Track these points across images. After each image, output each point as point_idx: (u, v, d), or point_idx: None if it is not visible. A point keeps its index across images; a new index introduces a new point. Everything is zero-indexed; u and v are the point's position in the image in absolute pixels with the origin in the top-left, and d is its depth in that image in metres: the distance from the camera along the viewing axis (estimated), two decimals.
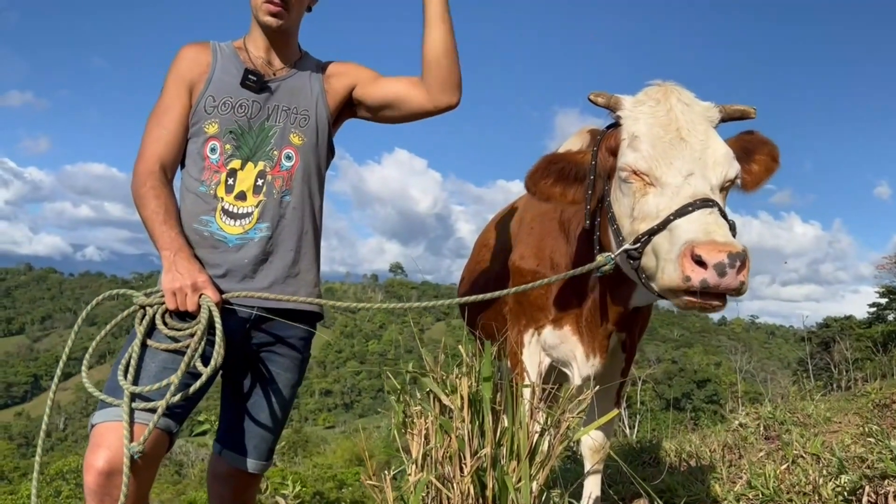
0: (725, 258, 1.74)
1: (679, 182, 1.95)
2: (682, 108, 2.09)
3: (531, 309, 2.85)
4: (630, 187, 2.05)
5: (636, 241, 1.99)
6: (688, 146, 2.00)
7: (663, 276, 1.86)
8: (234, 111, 2.32)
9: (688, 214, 1.87)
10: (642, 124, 2.08)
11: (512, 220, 3.37)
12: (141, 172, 2.25)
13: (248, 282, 2.28)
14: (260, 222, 2.30)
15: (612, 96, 2.20)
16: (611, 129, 2.24)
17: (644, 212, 1.99)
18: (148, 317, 2.14)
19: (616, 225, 2.14)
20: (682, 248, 1.79)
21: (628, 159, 2.04)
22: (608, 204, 2.20)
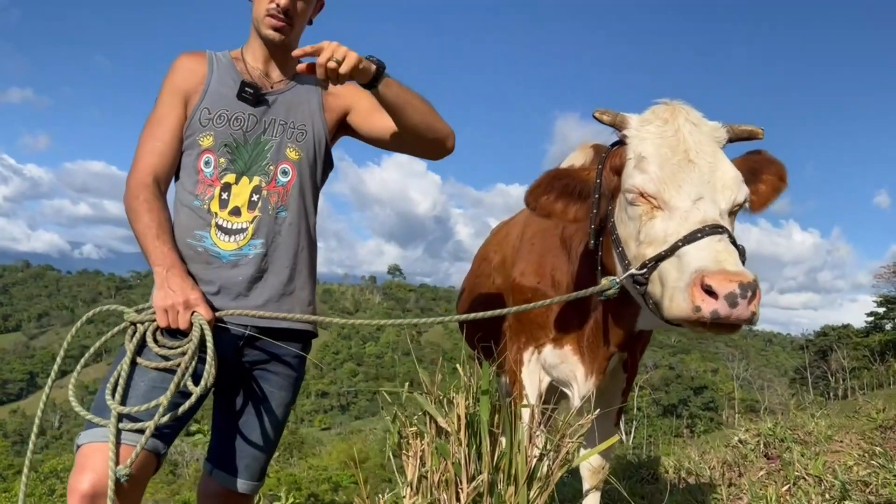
0: (737, 288, 1.67)
1: (688, 206, 1.89)
2: (690, 128, 2.03)
3: (531, 327, 2.79)
4: (636, 210, 1.98)
5: (642, 267, 1.92)
6: (696, 168, 1.94)
7: (672, 305, 1.79)
8: (230, 124, 2.26)
9: (697, 241, 1.80)
10: (649, 144, 2.02)
11: (512, 235, 3.31)
12: (134, 185, 2.19)
13: (242, 300, 2.21)
14: (255, 238, 2.24)
15: (617, 114, 2.14)
16: (615, 147, 2.18)
17: (651, 236, 1.93)
18: (138, 334, 2.08)
19: (621, 247, 2.07)
20: (691, 277, 1.73)
21: (636, 181, 1.97)
22: (612, 225, 2.14)
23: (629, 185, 2.00)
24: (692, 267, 1.76)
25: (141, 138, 2.28)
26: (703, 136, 2.03)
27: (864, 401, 6.57)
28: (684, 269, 1.78)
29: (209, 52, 2.39)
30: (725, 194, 1.94)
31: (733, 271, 1.71)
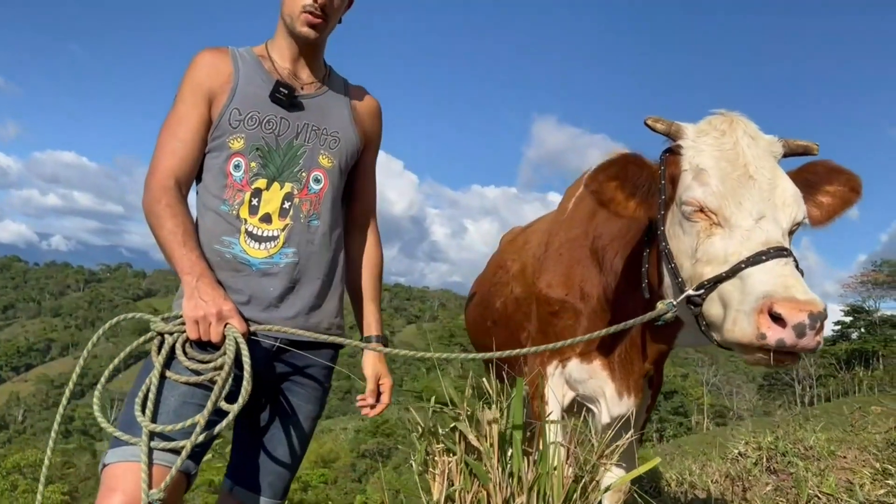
0: (806, 318, 1.60)
1: (749, 225, 1.81)
2: (748, 141, 1.96)
3: (557, 340, 2.67)
4: (694, 226, 1.90)
5: (700, 287, 1.84)
6: (756, 184, 1.86)
7: (735, 330, 1.71)
8: (262, 127, 2.13)
9: (762, 263, 1.73)
10: (707, 157, 1.94)
11: (533, 243, 3.22)
12: (155, 188, 2.05)
13: (273, 311, 2.10)
14: (286, 247, 2.12)
15: (672, 123, 2.06)
16: (669, 156, 2.09)
17: (710, 254, 1.85)
18: (167, 345, 1.95)
19: (673, 264, 1.98)
20: (758, 303, 1.65)
21: (696, 194, 1.89)
22: (662, 234, 2.04)
23: (688, 198, 1.91)
24: (758, 291, 1.68)
25: (160, 137, 2.14)
26: (761, 151, 1.96)
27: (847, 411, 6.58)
28: (749, 292, 1.70)
29: (231, 49, 2.25)
30: (786, 212, 1.87)
31: (803, 299, 1.63)
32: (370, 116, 2.40)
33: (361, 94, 2.40)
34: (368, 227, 2.44)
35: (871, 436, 5.04)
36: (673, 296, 1.98)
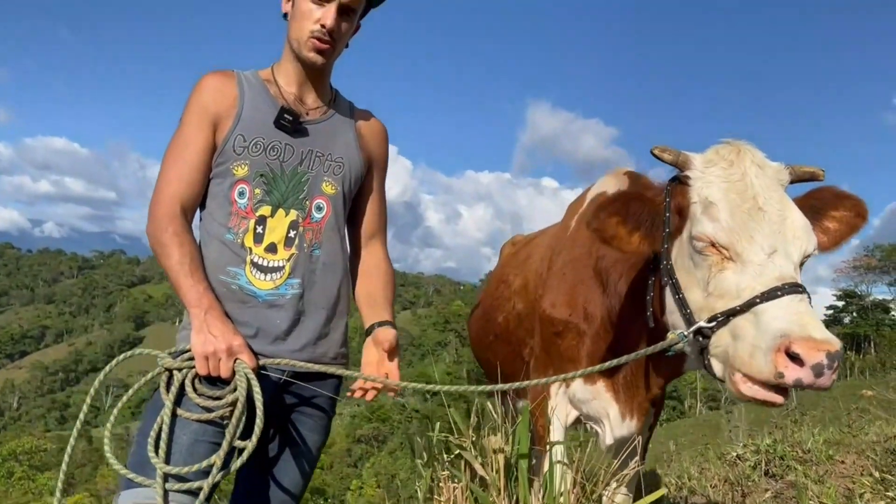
0: (824, 358, 1.59)
1: (762, 259, 1.80)
2: (756, 171, 1.94)
3: (560, 360, 2.69)
4: (705, 260, 1.88)
5: (712, 320, 1.83)
6: (766, 217, 1.85)
7: (752, 365, 1.70)
8: (266, 153, 2.10)
9: (777, 299, 1.71)
10: (716, 189, 1.92)
11: (535, 258, 3.20)
12: (160, 216, 2.02)
13: (280, 344, 2.08)
14: (291, 278, 2.10)
15: (679, 153, 2.04)
16: (676, 185, 2.07)
17: (722, 288, 1.83)
18: (176, 383, 1.92)
19: (681, 295, 1.97)
20: (776, 341, 1.65)
21: (706, 229, 1.87)
22: (668, 267, 2.03)
23: (698, 233, 1.89)
24: (775, 328, 1.67)
25: (165, 162, 2.11)
26: (769, 180, 1.94)
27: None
28: (765, 329, 1.69)
29: (237, 72, 2.22)
30: (797, 245, 1.85)
31: (820, 339, 1.62)
32: (376, 140, 2.37)
33: (367, 117, 2.37)
34: (375, 241, 2.39)
35: (868, 438, 5.07)
36: (681, 327, 1.97)
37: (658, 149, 2.06)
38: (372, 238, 2.38)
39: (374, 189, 2.38)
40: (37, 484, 48.46)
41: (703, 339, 1.87)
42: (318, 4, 2.09)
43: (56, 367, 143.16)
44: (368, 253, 2.36)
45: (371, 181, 2.37)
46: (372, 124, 2.37)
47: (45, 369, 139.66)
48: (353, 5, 2.13)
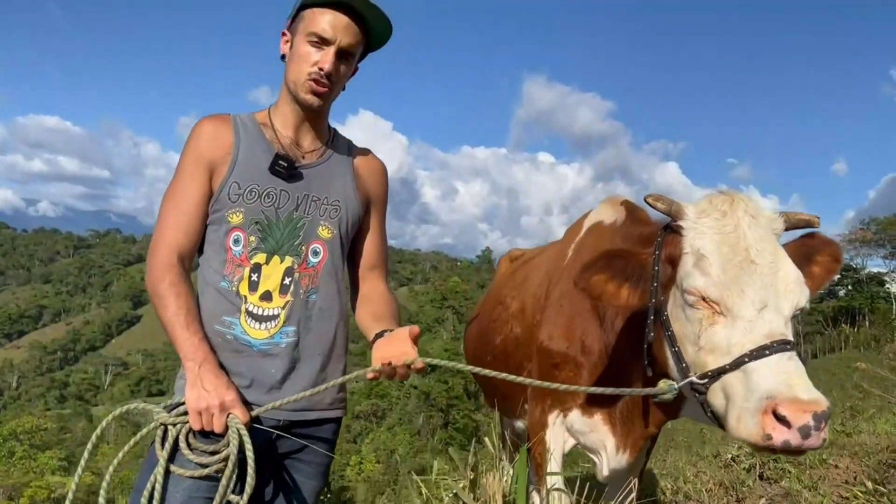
0: (811, 420, 1.61)
1: (752, 315, 1.81)
2: (749, 221, 1.94)
3: (558, 391, 2.70)
4: (696, 313, 1.90)
5: (703, 376, 1.85)
6: (758, 270, 1.85)
7: (739, 427, 1.73)
8: (261, 200, 2.11)
9: (765, 358, 1.73)
10: (708, 241, 1.93)
11: (532, 282, 3.22)
12: (158, 266, 2.04)
13: (276, 392, 2.09)
14: (287, 325, 2.11)
15: (673, 202, 2.04)
16: (668, 234, 2.08)
17: (713, 343, 1.85)
18: (170, 437, 1.94)
19: (676, 347, 1.99)
20: (763, 403, 1.67)
21: (697, 283, 1.88)
22: (666, 318, 2.05)
23: (689, 286, 1.90)
24: (763, 389, 1.69)
25: (162, 210, 2.12)
26: (763, 231, 1.95)
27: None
28: (753, 389, 1.71)
29: (233, 116, 2.21)
30: (788, 299, 1.86)
31: (807, 400, 1.64)
32: (374, 179, 2.36)
33: (365, 156, 2.37)
34: (376, 280, 2.38)
35: (861, 439, 5.12)
36: (677, 378, 1.99)
37: (652, 197, 2.07)
38: (372, 271, 2.37)
39: (372, 227, 2.38)
40: (38, 463, 48.77)
41: (698, 396, 1.89)
42: (316, 47, 2.09)
43: (54, 347, 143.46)
44: (369, 285, 2.36)
45: (369, 220, 2.37)
46: (370, 163, 2.37)
47: (44, 349, 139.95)
48: (351, 49, 2.13)
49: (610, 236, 2.72)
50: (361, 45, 2.18)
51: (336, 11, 2.08)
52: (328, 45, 2.08)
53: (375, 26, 2.17)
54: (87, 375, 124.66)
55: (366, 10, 2.10)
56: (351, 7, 2.09)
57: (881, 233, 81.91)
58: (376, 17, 2.12)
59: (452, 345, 65.06)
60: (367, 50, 2.25)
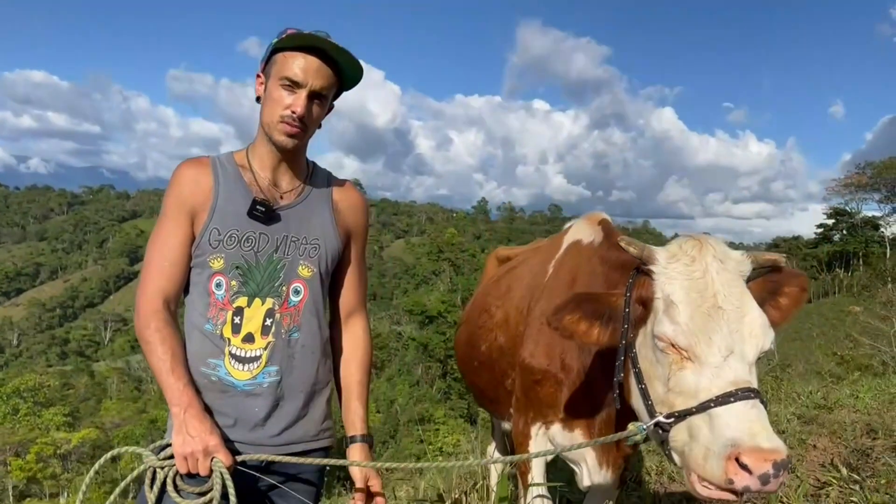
0: (770, 468, 1.71)
1: (718, 362, 1.90)
2: (718, 266, 2.02)
3: (539, 405, 2.82)
4: (666, 357, 1.99)
5: (670, 416, 1.95)
6: (725, 316, 1.94)
7: (704, 468, 1.83)
8: (241, 245, 2.17)
9: (729, 404, 1.83)
10: (678, 287, 2.00)
11: (516, 294, 3.30)
12: (144, 312, 2.12)
13: (259, 430, 2.19)
14: (269, 366, 2.19)
15: (644, 247, 2.11)
16: (639, 277, 2.16)
17: (681, 387, 1.94)
18: (158, 481, 2.06)
19: (644, 385, 2.08)
20: (727, 450, 1.76)
21: (667, 331, 1.97)
22: (634, 355, 2.14)
23: (660, 333, 1.99)
24: (726, 436, 1.79)
25: (147, 256, 2.19)
26: (730, 275, 2.02)
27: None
28: (718, 434, 1.81)
29: (212, 158, 2.26)
30: (752, 343, 1.95)
31: (768, 448, 1.74)
32: (353, 212, 2.42)
33: (344, 189, 2.42)
34: (355, 316, 2.47)
35: (841, 416, 5.27)
36: (643, 414, 2.09)
37: (624, 241, 2.15)
38: (352, 315, 2.46)
39: (353, 261, 2.45)
40: (42, 419, 49.55)
41: (662, 433, 2.00)
42: (288, 91, 2.15)
43: (53, 304, 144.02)
44: (348, 331, 2.45)
45: (349, 254, 2.43)
46: (349, 197, 2.43)
47: (43, 306, 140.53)
48: (323, 92, 2.18)
49: (588, 256, 2.80)
50: (334, 87, 2.24)
51: (307, 55, 2.14)
52: (300, 88, 2.14)
53: (346, 69, 2.21)
54: (87, 332, 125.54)
55: (335, 54, 2.15)
56: (321, 50, 2.14)
57: (876, 177, 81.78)
58: (346, 59, 2.17)
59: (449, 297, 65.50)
60: (340, 89, 2.29)
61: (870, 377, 8.71)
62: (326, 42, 2.12)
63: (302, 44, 2.13)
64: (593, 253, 2.77)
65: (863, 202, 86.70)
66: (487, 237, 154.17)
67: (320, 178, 2.39)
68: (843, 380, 8.33)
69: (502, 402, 3.36)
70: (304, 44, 2.13)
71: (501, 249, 4.65)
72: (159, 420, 38.84)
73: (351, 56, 2.16)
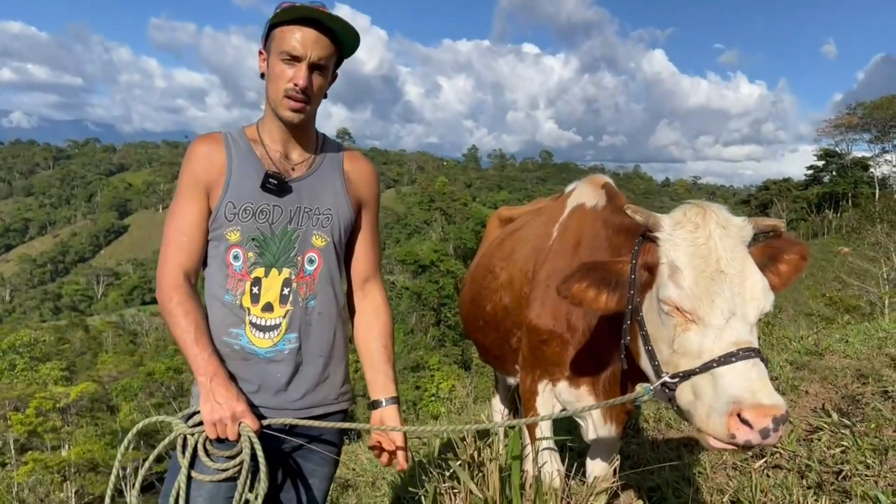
0: (770, 423, 1.82)
1: (721, 323, 1.99)
2: (720, 232, 2.10)
3: (546, 363, 2.92)
4: (671, 320, 2.08)
5: (675, 376, 2.05)
6: (727, 280, 2.02)
7: (708, 424, 1.94)
8: (256, 217, 2.24)
9: (731, 364, 1.92)
10: (682, 253, 2.09)
11: (520, 255, 3.38)
12: (166, 286, 2.19)
13: (282, 395, 2.28)
14: (289, 333, 2.28)
15: (650, 215, 2.19)
16: (645, 243, 2.24)
17: (685, 348, 2.04)
18: (190, 446, 2.16)
19: (650, 346, 2.18)
20: (729, 407, 1.87)
21: (672, 295, 2.05)
22: (641, 318, 2.23)
23: (665, 297, 2.08)
24: (729, 393, 1.89)
25: (165, 231, 2.26)
26: (732, 240, 2.10)
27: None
28: (720, 392, 1.91)
29: (224, 134, 2.31)
30: (754, 305, 2.04)
31: (768, 404, 1.85)
32: (364, 182, 2.48)
33: (354, 160, 2.48)
34: (371, 283, 2.54)
35: (833, 363, 5.43)
36: (650, 373, 2.20)
37: (631, 209, 2.22)
38: (367, 281, 2.53)
39: (366, 230, 2.51)
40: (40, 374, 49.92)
41: (668, 392, 2.10)
42: (289, 65, 2.19)
43: (44, 259, 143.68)
44: (366, 297, 2.53)
45: (361, 223, 2.50)
46: (359, 167, 2.48)
47: (34, 261, 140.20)
48: (323, 62, 2.22)
49: (591, 220, 2.87)
50: (334, 56, 2.28)
51: (304, 27, 2.17)
52: (300, 61, 2.18)
53: (343, 36, 2.25)
54: (80, 286, 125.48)
55: (330, 23, 2.19)
56: (318, 21, 2.17)
57: (867, 117, 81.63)
58: (342, 27, 2.21)
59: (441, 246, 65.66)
60: (341, 57, 2.34)
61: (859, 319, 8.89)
62: (320, 12, 2.15)
63: (296, 16, 2.16)
64: (597, 217, 2.84)
65: (853, 143, 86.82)
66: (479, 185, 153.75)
67: (330, 149, 2.44)
68: (832, 322, 8.50)
69: (507, 360, 3.47)
70: (299, 16, 2.16)
71: (503, 210, 4.71)
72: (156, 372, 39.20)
73: (346, 23, 2.19)
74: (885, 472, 3.31)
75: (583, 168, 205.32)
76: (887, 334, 6.29)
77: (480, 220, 72.02)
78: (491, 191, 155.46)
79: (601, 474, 3.13)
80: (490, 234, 4.57)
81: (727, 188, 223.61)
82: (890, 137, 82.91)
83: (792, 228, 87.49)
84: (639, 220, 2.20)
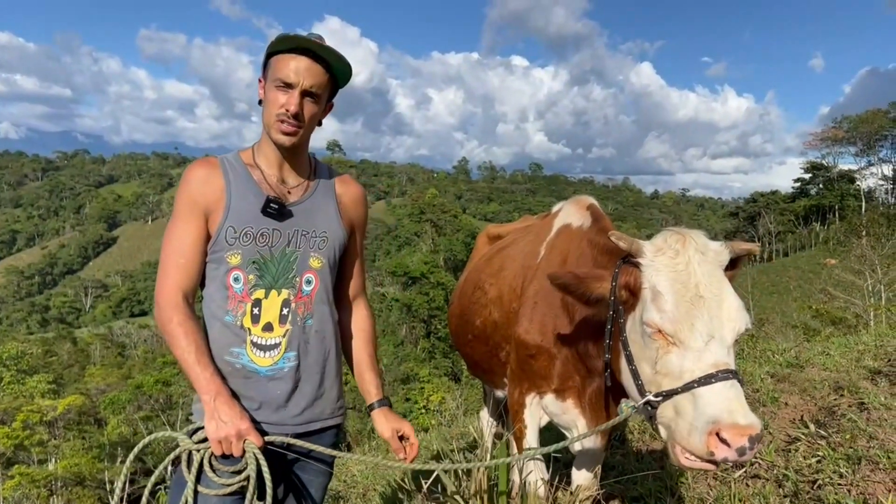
0: (746, 442, 1.96)
1: (700, 346, 2.13)
2: (699, 258, 2.24)
3: (533, 377, 3.05)
4: (654, 342, 2.21)
5: (658, 395, 2.18)
6: (706, 304, 2.16)
7: (689, 441, 2.07)
8: (256, 241, 2.34)
9: (710, 384, 2.07)
10: (664, 278, 2.23)
11: (508, 273, 3.51)
12: (165, 306, 2.29)
13: (282, 411, 2.39)
14: (288, 351, 2.39)
15: (633, 241, 2.32)
16: (627, 266, 2.37)
17: (667, 369, 2.18)
18: (196, 462, 2.25)
19: (634, 366, 2.31)
20: (708, 426, 2.01)
21: (654, 318, 2.19)
22: (625, 339, 2.36)
23: (648, 320, 2.22)
24: (708, 413, 2.03)
25: (163, 253, 2.35)
26: (710, 265, 2.24)
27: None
28: (700, 410, 2.05)
29: (221, 159, 2.41)
30: (731, 327, 2.18)
31: (744, 424, 1.98)
32: (355, 205, 2.61)
33: (346, 184, 2.61)
34: (358, 300, 2.70)
35: (812, 375, 5.58)
36: (633, 391, 2.32)
37: (615, 236, 2.36)
38: (355, 298, 2.69)
39: (355, 251, 2.65)
40: (27, 387, 49.50)
41: (650, 409, 2.24)
42: (282, 91, 2.30)
43: (32, 271, 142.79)
44: (355, 313, 2.69)
45: (352, 245, 2.63)
46: (351, 191, 2.61)
47: (21, 273, 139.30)
48: (315, 90, 2.33)
49: (577, 239, 3.01)
50: (327, 85, 2.39)
51: (298, 56, 2.29)
52: (293, 88, 2.29)
53: (335, 67, 2.37)
54: (68, 298, 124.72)
55: (323, 53, 2.31)
56: (311, 51, 2.30)
57: (853, 130, 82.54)
58: (335, 58, 2.33)
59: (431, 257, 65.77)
60: (335, 87, 2.46)
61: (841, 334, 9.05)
62: (313, 42, 2.28)
63: (291, 46, 2.29)
64: (583, 237, 2.98)
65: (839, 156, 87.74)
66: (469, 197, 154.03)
67: (323, 174, 2.57)
68: (817, 333, 8.64)
69: (496, 373, 3.60)
70: (293, 45, 2.29)
71: (492, 227, 4.86)
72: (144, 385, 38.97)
73: (338, 54, 2.32)
74: (858, 480, 3.45)
75: (572, 180, 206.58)
76: (866, 347, 6.47)
77: (470, 231, 72.16)
78: (481, 203, 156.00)
79: (585, 483, 3.26)
80: (479, 250, 4.71)
81: (715, 200, 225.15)
82: (875, 150, 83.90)
83: (780, 240, 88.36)
84: (622, 247, 2.34)
